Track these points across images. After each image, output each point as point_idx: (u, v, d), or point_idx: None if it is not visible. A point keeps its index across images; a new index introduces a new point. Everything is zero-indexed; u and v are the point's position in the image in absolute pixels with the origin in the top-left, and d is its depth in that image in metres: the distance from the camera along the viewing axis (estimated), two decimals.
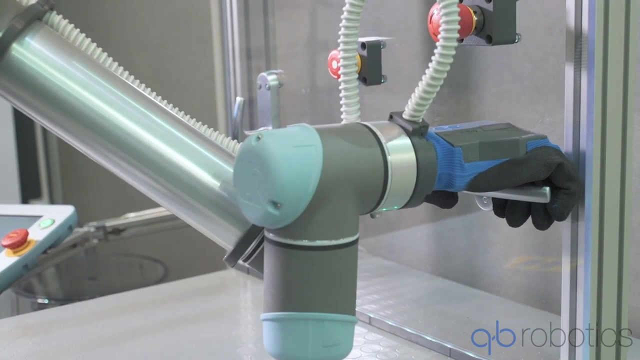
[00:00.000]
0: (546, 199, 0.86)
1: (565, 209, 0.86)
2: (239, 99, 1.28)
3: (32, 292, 1.94)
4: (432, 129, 0.83)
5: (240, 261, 0.82)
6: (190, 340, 1.11)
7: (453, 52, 0.78)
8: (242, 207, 0.75)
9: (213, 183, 0.80)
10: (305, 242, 0.74)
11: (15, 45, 0.78)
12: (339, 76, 1.02)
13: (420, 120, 0.81)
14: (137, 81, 0.85)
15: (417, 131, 0.80)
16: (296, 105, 1.36)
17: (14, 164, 2.63)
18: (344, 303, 0.77)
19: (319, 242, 0.74)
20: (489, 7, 0.83)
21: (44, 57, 0.79)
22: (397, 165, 0.78)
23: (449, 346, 1.04)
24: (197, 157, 0.81)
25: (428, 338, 1.06)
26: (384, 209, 0.81)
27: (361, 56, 1.01)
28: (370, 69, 1.03)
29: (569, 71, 0.86)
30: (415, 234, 1.37)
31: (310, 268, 0.74)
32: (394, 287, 1.27)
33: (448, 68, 0.78)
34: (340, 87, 0.84)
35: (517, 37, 0.85)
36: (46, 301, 1.87)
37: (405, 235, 1.38)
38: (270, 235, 0.76)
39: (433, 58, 0.78)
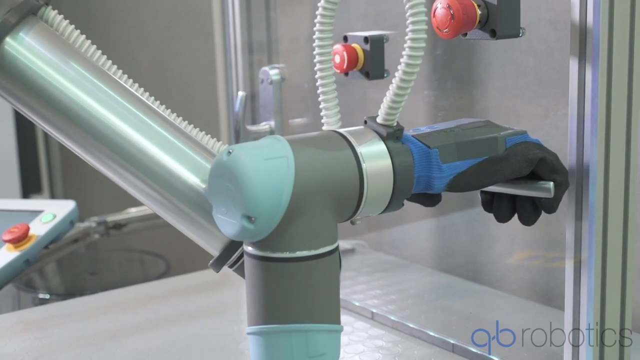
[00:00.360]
0: (550, 194, 0.86)
1: (555, 201, 0.85)
2: (241, 93, 1.28)
3: (33, 287, 1.94)
4: (408, 132, 0.82)
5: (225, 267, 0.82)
6: (192, 335, 1.11)
7: (421, 53, 0.76)
8: (218, 223, 0.75)
9: (201, 187, 0.80)
10: (285, 254, 0.73)
11: (8, 40, 0.78)
12: (342, 70, 1.02)
13: (395, 124, 0.80)
14: (131, 80, 0.84)
15: (391, 135, 0.79)
16: (298, 99, 1.35)
17: (14, 158, 2.62)
18: (328, 312, 0.76)
19: (298, 253, 0.73)
20: (493, 0, 0.82)
21: (36, 53, 0.79)
22: (372, 172, 0.77)
23: (451, 341, 1.03)
24: (185, 160, 0.80)
25: (431, 333, 1.06)
26: (364, 216, 0.80)
27: (364, 50, 1.01)
28: (373, 63, 1.03)
29: (574, 65, 0.85)
30: (417, 229, 1.36)
31: (291, 279, 0.74)
32: (396, 283, 1.26)
33: (417, 69, 0.77)
34: (319, 92, 0.82)
35: (521, 31, 0.84)
36: (47, 296, 1.87)
37: (408, 230, 1.38)
38: (249, 249, 0.75)
39: (402, 60, 0.77)
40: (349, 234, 1.38)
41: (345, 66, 1.02)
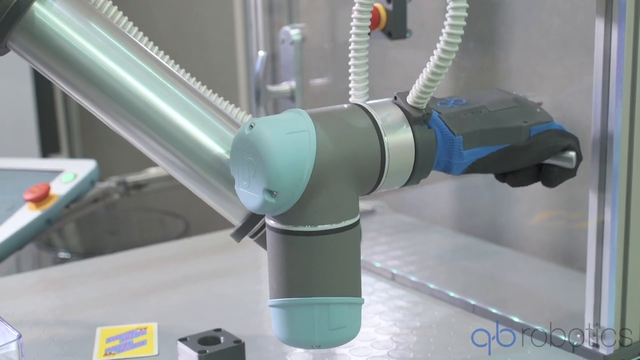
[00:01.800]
0: (572, 164, 0.86)
1: (559, 179, 0.88)
2: (261, 53, 1.27)
3: (54, 247, 1.96)
4: (435, 105, 0.82)
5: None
6: (212, 295, 1.12)
7: (459, 40, 0.75)
8: (240, 196, 0.75)
9: (225, 157, 0.80)
10: (307, 228, 0.74)
11: (36, 5, 0.78)
12: None
13: (424, 107, 0.79)
14: (156, 48, 0.84)
15: (419, 119, 0.78)
16: (319, 60, 1.35)
17: (32, 118, 2.63)
18: (349, 285, 0.77)
19: (320, 227, 0.74)
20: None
21: (64, 18, 0.79)
22: (394, 147, 0.77)
23: (472, 302, 1.03)
24: (210, 129, 0.81)
25: (451, 294, 1.06)
26: (385, 189, 0.80)
27: (386, 10, 1.00)
28: (396, 23, 1.02)
29: (599, 26, 0.84)
30: (438, 191, 1.36)
31: (313, 253, 0.74)
32: (417, 244, 1.27)
33: (453, 56, 0.76)
34: (350, 62, 0.81)
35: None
36: (68, 256, 1.88)
37: (428, 192, 1.37)
38: (271, 223, 0.75)
39: (438, 45, 0.75)
40: (369, 195, 1.38)
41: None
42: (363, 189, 0.77)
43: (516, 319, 0.98)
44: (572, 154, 0.86)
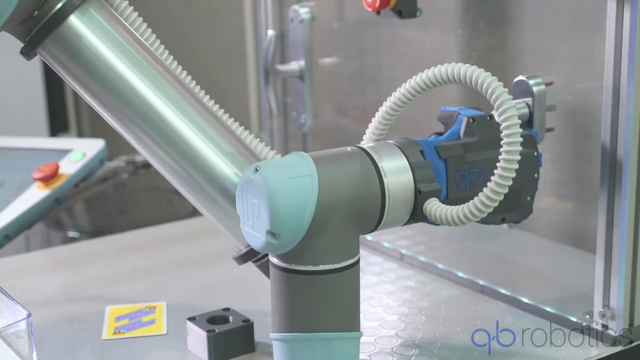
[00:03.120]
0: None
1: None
2: (270, 32, 1.27)
3: (63, 226, 1.96)
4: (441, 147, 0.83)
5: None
6: (221, 274, 1.12)
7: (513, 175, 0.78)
8: (245, 235, 0.77)
9: (236, 181, 0.82)
10: (308, 267, 0.76)
11: (72, 17, 0.79)
12: (374, 9, 1.01)
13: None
14: (184, 72, 0.87)
15: (429, 194, 0.81)
16: (328, 39, 1.34)
17: (41, 98, 2.63)
18: (349, 321, 0.79)
19: (321, 267, 0.76)
20: None
21: (97, 33, 0.80)
22: (394, 191, 0.79)
23: (481, 283, 1.03)
24: (224, 153, 0.83)
25: (460, 274, 1.06)
26: (387, 228, 0.82)
27: None
28: (406, 2, 1.01)
29: (611, 4, 0.83)
30: None
31: (314, 291, 0.77)
32: (425, 224, 1.26)
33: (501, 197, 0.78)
34: (383, 110, 0.85)
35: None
36: (77, 235, 1.89)
37: None
38: (275, 261, 0.78)
39: (484, 191, 0.79)
40: None
41: (377, 4, 1.00)
42: (364, 229, 0.80)
43: (525, 300, 0.98)
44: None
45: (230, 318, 0.91)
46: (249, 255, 0.85)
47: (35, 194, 1.25)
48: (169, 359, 0.90)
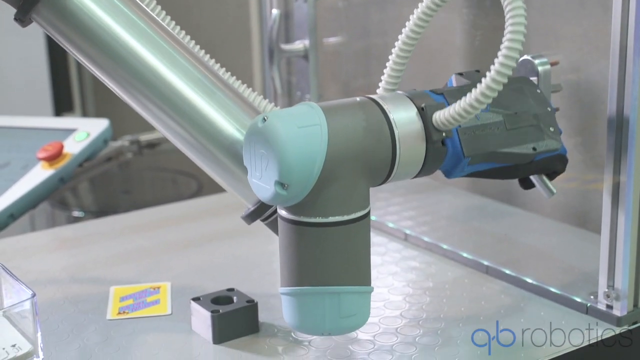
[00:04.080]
0: (550, 195, 0.91)
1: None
2: (275, 11, 1.26)
3: (67, 206, 1.96)
4: (448, 94, 0.81)
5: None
6: (225, 255, 1.12)
7: (513, 64, 0.75)
8: (253, 187, 0.76)
9: (240, 139, 0.81)
10: (318, 219, 0.75)
11: None
12: None
13: (449, 129, 0.80)
14: (183, 32, 0.86)
15: (438, 139, 0.79)
16: (333, 18, 1.33)
17: (46, 77, 2.63)
18: (359, 274, 0.78)
19: (331, 219, 0.75)
20: None
21: None
22: (405, 143, 0.77)
23: (485, 263, 1.03)
24: (229, 113, 0.82)
25: (464, 255, 1.06)
26: (397, 181, 0.81)
27: None
28: None
29: None
30: None
31: (324, 244, 0.76)
32: (430, 204, 1.26)
33: (497, 92, 0.75)
34: (393, 55, 0.82)
35: None
36: (81, 214, 1.89)
37: None
38: (283, 213, 0.76)
39: (488, 74, 0.75)
40: None
41: None
42: (374, 181, 0.78)
43: (529, 280, 0.98)
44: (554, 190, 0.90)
45: (235, 298, 0.92)
46: (257, 213, 0.84)
47: (39, 174, 1.25)
48: (174, 339, 0.90)
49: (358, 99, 0.79)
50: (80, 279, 1.05)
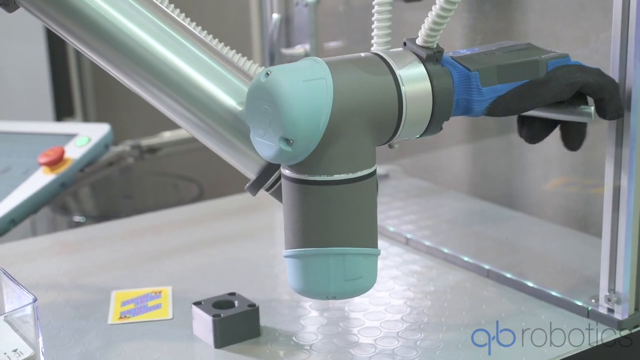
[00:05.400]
0: (591, 119, 0.85)
1: (616, 110, 0.85)
2: (275, 16, 1.26)
3: (69, 210, 1.96)
4: (447, 54, 0.80)
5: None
6: (226, 259, 1.12)
7: None
8: (256, 145, 0.74)
9: (237, 109, 0.79)
10: (323, 177, 0.73)
11: None
12: None
13: (435, 46, 0.77)
14: (167, 1, 0.84)
15: (431, 57, 0.77)
16: (333, 23, 1.33)
17: (47, 82, 2.63)
18: (365, 236, 0.76)
19: (336, 177, 0.73)
20: None
21: None
22: (411, 95, 0.76)
23: (486, 267, 1.03)
24: (222, 82, 0.80)
25: (465, 259, 1.06)
26: (402, 139, 0.79)
27: None
28: None
29: None
30: (452, 155, 1.35)
31: (329, 203, 0.74)
32: (431, 208, 1.26)
33: None
34: (374, 10, 0.79)
35: None
36: (82, 219, 1.89)
37: (443, 156, 1.37)
38: (287, 172, 0.74)
39: None
40: (382, 159, 1.38)
41: None
42: (380, 138, 0.76)
43: (530, 284, 0.98)
44: (592, 108, 0.85)
45: (236, 303, 0.92)
46: (260, 182, 0.81)
47: (41, 179, 1.25)
48: (175, 343, 0.90)
49: (363, 54, 0.77)
50: (81, 284, 1.05)
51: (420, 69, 0.77)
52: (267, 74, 0.72)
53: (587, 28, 1.05)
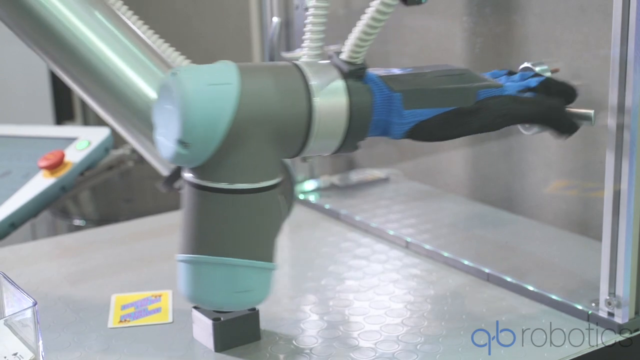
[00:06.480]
0: (591, 123, 0.85)
1: (568, 129, 0.85)
2: (275, 19, 1.26)
3: (69, 214, 1.96)
4: (378, 71, 0.78)
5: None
6: None
7: None
8: (157, 144, 0.73)
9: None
10: (221, 185, 0.71)
11: None
12: None
13: (361, 62, 0.75)
14: None
15: (353, 73, 0.75)
16: (333, 26, 1.33)
17: (47, 86, 2.63)
18: (260, 249, 0.74)
19: (236, 186, 0.71)
20: None
21: None
22: (324, 109, 0.73)
23: (486, 270, 1.03)
24: (147, 74, 0.78)
25: (465, 262, 1.06)
26: (314, 154, 0.77)
27: None
28: None
29: None
30: (452, 158, 1.35)
31: (225, 211, 0.72)
32: (431, 212, 1.26)
33: (394, 7, 0.72)
34: (307, 21, 0.77)
35: None
36: (82, 223, 1.89)
37: (443, 159, 1.37)
38: (188, 176, 0.73)
39: None
40: (383, 163, 1.38)
41: None
42: (288, 150, 0.74)
43: (530, 287, 0.98)
44: (592, 112, 0.84)
45: None
46: (172, 179, 0.79)
47: (41, 182, 1.25)
48: (175, 347, 0.90)
49: (281, 63, 0.75)
50: (81, 287, 1.05)
51: (338, 84, 0.75)
52: (175, 73, 0.70)
53: (587, 32, 1.05)
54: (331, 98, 0.74)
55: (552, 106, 0.83)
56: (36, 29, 0.78)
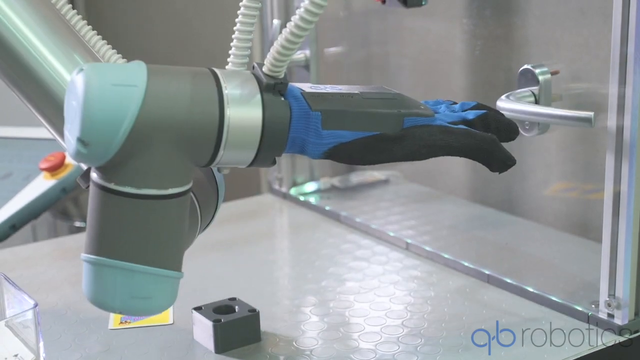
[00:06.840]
0: (591, 125, 0.85)
1: (501, 163, 0.82)
2: (276, 21, 1.26)
3: (69, 216, 1.96)
4: (304, 87, 0.76)
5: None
6: (227, 264, 1.12)
7: (325, 3, 0.70)
8: (64, 139, 0.72)
9: None
10: (125, 189, 0.69)
11: None
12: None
13: (281, 76, 0.73)
14: None
15: (271, 87, 0.73)
16: (333, 28, 1.34)
17: None
18: (161, 256, 0.73)
19: (143, 191, 0.70)
20: None
21: None
22: (236, 119, 0.71)
23: (487, 272, 1.03)
24: (70, 63, 0.77)
25: (466, 264, 1.06)
26: (228, 165, 0.75)
27: None
28: None
29: None
30: (452, 160, 1.34)
31: (128, 216, 0.70)
32: (431, 213, 1.26)
33: (316, 19, 0.70)
34: (236, 27, 0.75)
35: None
36: (83, 225, 1.89)
37: (443, 161, 1.36)
38: (93, 176, 0.71)
39: (302, 4, 0.70)
40: (383, 165, 1.38)
41: None
42: (197, 158, 0.72)
43: (530, 289, 0.98)
44: (591, 114, 0.83)
45: (237, 308, 0.92)
46: (88, 174, 0.76)
47: (41, 184, 1.25)
48: (175, 348, 0.90)
49: (198, 68, 0.73)
50: (82, 289, 1.05)
51: (255, 96, 0.72)
52: (82, 69, 0.68)
53: (587, 34, 1.05)
54: (245, 109, 0.72)
55: (485, 139, 0.80)
56: None
